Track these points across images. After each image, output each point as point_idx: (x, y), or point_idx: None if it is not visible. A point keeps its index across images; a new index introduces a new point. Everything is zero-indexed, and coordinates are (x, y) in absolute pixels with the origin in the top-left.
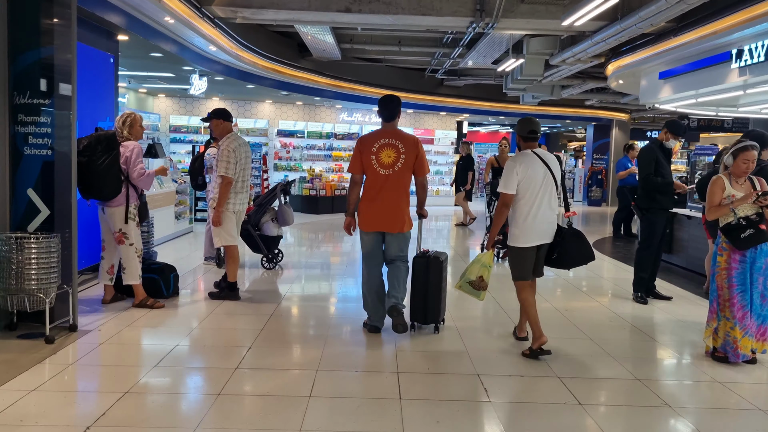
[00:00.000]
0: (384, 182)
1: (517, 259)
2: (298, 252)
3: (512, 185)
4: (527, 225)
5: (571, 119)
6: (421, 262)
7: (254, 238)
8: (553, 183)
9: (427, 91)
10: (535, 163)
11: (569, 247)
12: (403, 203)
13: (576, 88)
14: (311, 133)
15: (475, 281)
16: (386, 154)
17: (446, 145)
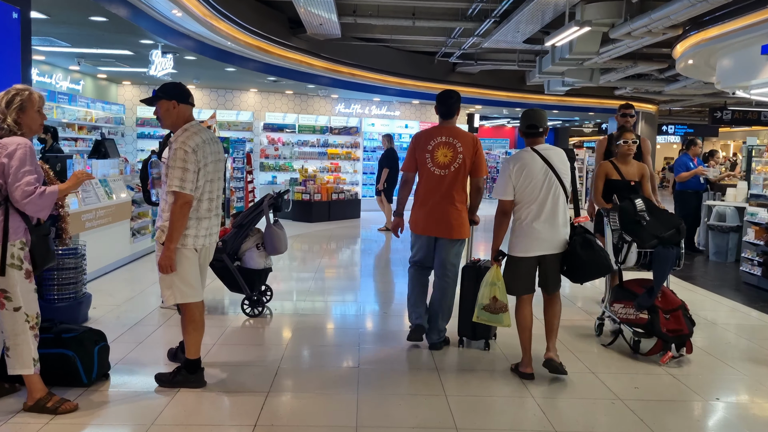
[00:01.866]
0: (439, 183)
1: (511, 269)
2: (293, 281)
3: (507, 190)
4: (526, 232)
5: (594, 111)
6: (471, 273)
7: (232, 273)
8: (558, 183)
9: (436, 78)
10: (532, 162)
11: (578, 258)
12: (459, 206)
13: (619, 72)
14: (303, 128)
15: (490, 305)
16: (442, 153)
17: None
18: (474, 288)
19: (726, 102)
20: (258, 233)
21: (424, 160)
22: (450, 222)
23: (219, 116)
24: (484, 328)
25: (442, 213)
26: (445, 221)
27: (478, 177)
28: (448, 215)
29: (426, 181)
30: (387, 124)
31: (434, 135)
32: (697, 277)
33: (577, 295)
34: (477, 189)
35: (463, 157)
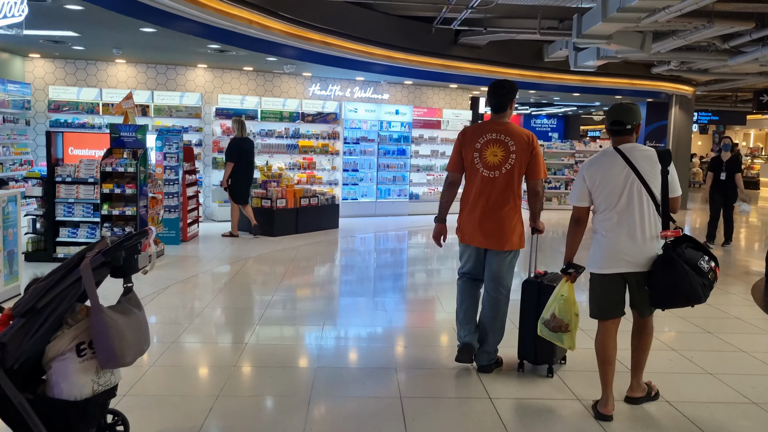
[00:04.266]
0: (488, 186)
1: (591, 287)
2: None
3: (581, 195)
4: (604, 245)
5: (623, 94)
6: (533, 288)
7: (18, 410)
8: (643, 189)
9: (434, 52)
10: (612, 163)
11: (656, 278)
12: (511, 213)
13: (678, 38)
14: (267, 114)
15: (550, 321)
16: (492, 152)
17: (457, 129)
18: (536, 304)
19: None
20: (79, 324)
21: (471, 160)
22: (501, 231)
23: (158, 99)
24: (548, 351)
25: (492, 221)
26: (496, 230)
27: (536, 180)
28: (499, 223)
29: (474, 184)
30: (373, 110)
31: (483, 131)
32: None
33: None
34: (535, 193)
35: (516, 156)
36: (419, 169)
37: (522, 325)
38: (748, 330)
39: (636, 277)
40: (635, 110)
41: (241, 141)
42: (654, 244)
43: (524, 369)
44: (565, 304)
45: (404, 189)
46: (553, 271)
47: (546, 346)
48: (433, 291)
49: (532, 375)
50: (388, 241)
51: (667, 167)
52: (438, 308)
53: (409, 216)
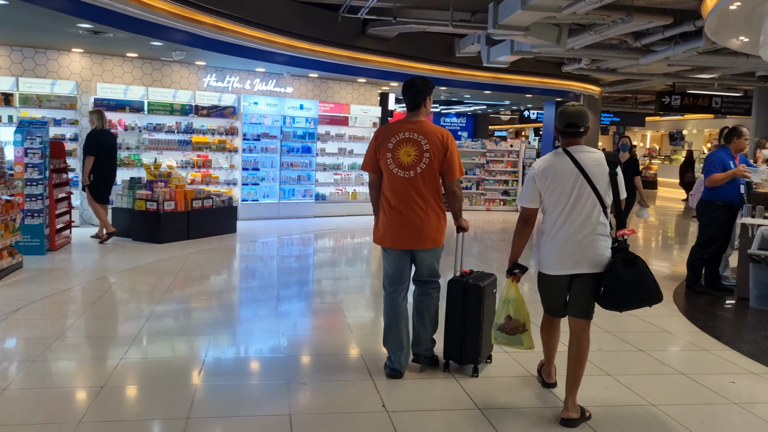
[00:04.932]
0: (404, 186)
1: (539, 287)
2: None
3: (531, 196)
4: (552, 246)
5: (534, 92)
6: (457, 287)
7: None
8: (591, 191)
9: (340, 43)
10: (562, 165)
11: (620, 281)
12: (430, 212)
13: (594, 33)
14: (156, 106)
15: (505, 324)
16: (405, 152)
17: (366, 126)
18: (461, 304)
19: (675, 85)
20: None
21: (385, 160)
22: (421, 231)
23: (25, 87)
24: (474, 350)
25: (410, 222)
26: (416, 231)
27: (451, 180)
28: (418, 224)
29: (390, 186)
30: (276, 104)
31: (396, 130)
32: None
33: None
34: (452, 193)
35: (430, 156)
36: (326, 168)
37: (447, 325)
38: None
39: (582, 278)
40: (587, 113)
41: (101, 133)
42: (600, 245)
43: (450, 369)
44: (516, 305)
45: (310, 189)
46: (478, 270)
47: (472, 346)
48: (341, 298)
49: (457, 374)
50: (293, 245)
51: (615, 170)
52: (344, 317)
53: (315, 218)
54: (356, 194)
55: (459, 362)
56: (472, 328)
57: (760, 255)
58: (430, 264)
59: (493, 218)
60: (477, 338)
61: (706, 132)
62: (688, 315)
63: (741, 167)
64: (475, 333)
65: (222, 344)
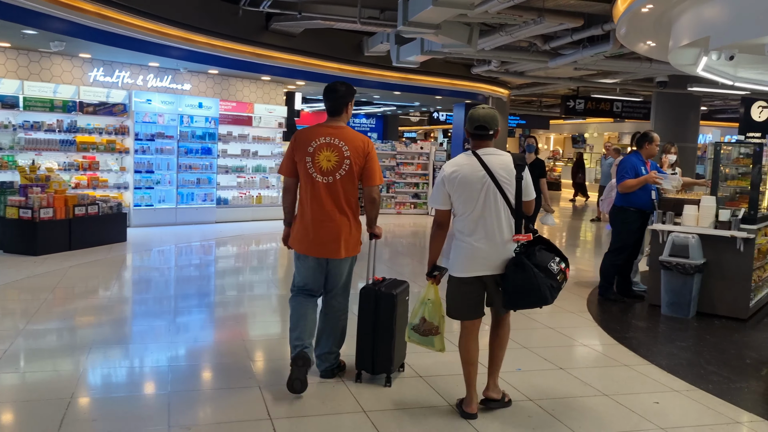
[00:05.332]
0: (323, 192)
1: (451, 291)
2: None
3: (441, 199)
4: (463, 249)
5: (443, 94)
6: (370, 296)
7: None
8: (498, 194)
9: (242, 38)
10: (471, 167)
11: (508, 281)
12: (347, 219)
13: (504, 34)
14: (33, 102)
15: (419, 325)
16: (325, 157)
17: (271, 127)
18: (374, 313)
19: (579, 90)
20: None
21: (304, 165)
22: (338, 238)
23: None
24: (386, 359)
25: (328, 228)
26: (333, 238)
27: (371, 186)
28: (335, 231)
29: (308, 191)
30: (172, 101)
31: (316, 134)
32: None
33: None
34: (371, 200)
35: (350, 162)
36: (228, 171)
37: (359, 334)
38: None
39: (493, 279)
40: (497, 116)
41: None
42: (509, 248)
43: (362, 379)
44: (433, 307)
45: (211, 193)
46: (390, 277)
47: (384, 355)
48: (245, 308)
49: (370, 385)
50: (191, 254)
51: (522, 172)
52: (251, 327)
53: (217, 224)
54: (261, 198)
55: (371, 372)
56: (384, 338)
57: (671, 262)
58: (343, 275)
59: (403, 222)
60: (390, 348)
61: (606, 135)
62: (604, 325)
63: (652, 174)
64: (388, 342)
65: (100, 365)
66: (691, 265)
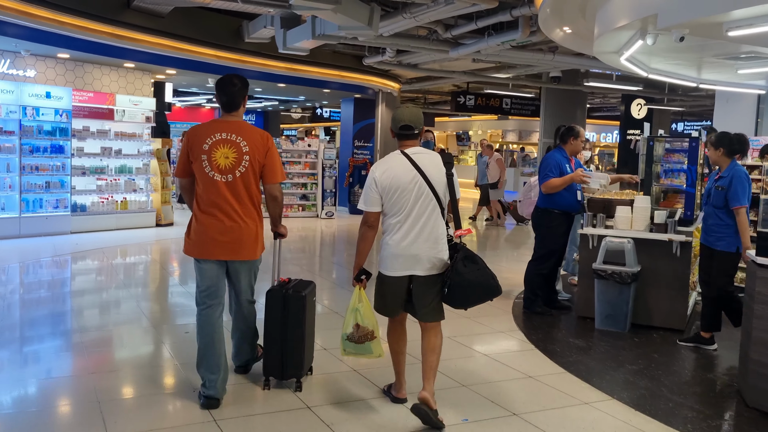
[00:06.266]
0: (222, 191)
1: (378, 287)
2: None
3: (372, 199)
4: (393, 248)
5: (332, 87)
6: (277, 298)
7: None
8: (430, 192)
9: (98, 15)
10: (401, 167)
11: (461, 276)
12: (249, 219)
13: (408, 17)
14: None
15: (353, 333)
16: (222, 154)
17: (137, 122)
18: (281, 315)
19: (468, 86)
20: None
21: (200, 164)
22: (241, 240)
23: None
24: (296, 364)
25: (230, 230)
26: (235, 239)
27: (273, 183)
28: (237, 232)
29: (206, 190)
30: (11, 90)
31: (211, 131)
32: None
33: None
34: (273, 198)
35: (250, 158)
36: (85, 172)
37: (267, 339)
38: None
39: (423, 279)
40: (421, 115)
41: None
42: (440, 246)
43: (270, 386)
44: (365, 311)
45: (64, 199)
46: (296, 278)
47: (295, 359)
48: (109, 332)
49: (279, 391)
50: (41, 273)
51: (451, 170)
52: (117, 350)
53: (73, 234)
54: (127, 203)
55: (280, 378)
56: (294, 341)
57: (606, 270)
58: (246, 278)
59: (292, 226)
60: (300, 351)
61: (489, 132)
62: (542, 347)
63: (579, 172)
64: (299, 345)
65: None
66: (627, 273)
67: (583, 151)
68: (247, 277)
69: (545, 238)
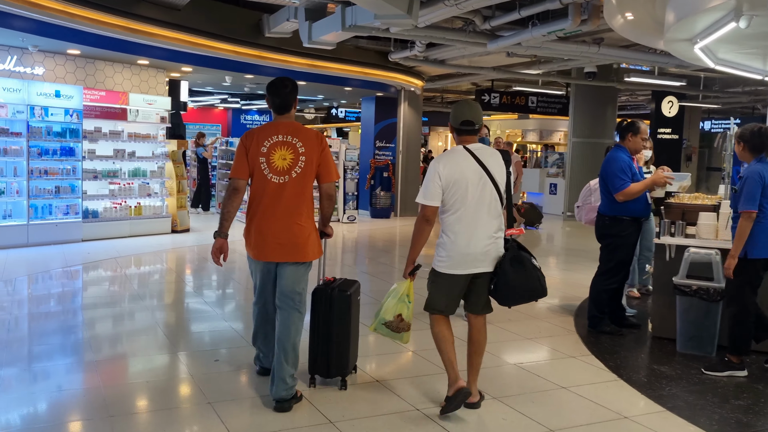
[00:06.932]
0: (279, 193)
1: (435, 286)
2: None
3: (434, 194)
4: (454, 245)
5: (352, 84)
6: (323, 297)
7: None
8: (494, 190)
9: (110, 7)
10: (466, 163)
11: (506, 277)
12: (302, 221)
13: (449, 5)
14: None
15: (393, 322)
16: (280, 156)
17: (152, 122)
18: (327, 315)
19: (493, 83)
20: None
21: (258, 166)
22: (296, 242)
23: None
24: (342, 363)
25: (286, 231)
26: (290, 242)
27: (328, 182)
28: (293, 234)
29: (262, 192)
30: (18, 89)
31: (269, 133)
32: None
33: None
34: (328, 197)
35: (306, 159)
36: (97, 176)
37: (313, 338)
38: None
39: (482, 277)
40: (481, 110)
41: None
42: (500, 245)
43: (316, 384)
44: (410, 305)
45: (75, 204)
46: (341, 277)
47: (340, 358)
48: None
49: (325, 390)
50: (51, 286)
51: (509, 169)
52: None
53: (84, 242)
54: (141, 209)
55: (326, 376)
56: (340, 340)
57: (690, 286)
58: (296, 281)
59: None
60: (346, 350)
61: (507, 132)
62: (626, 377)
63: (660, 173)
64: (344, 344)
65: None
66: (715, 289)
67: (645, 150)
68: (295, 279)
69: (616, 249)
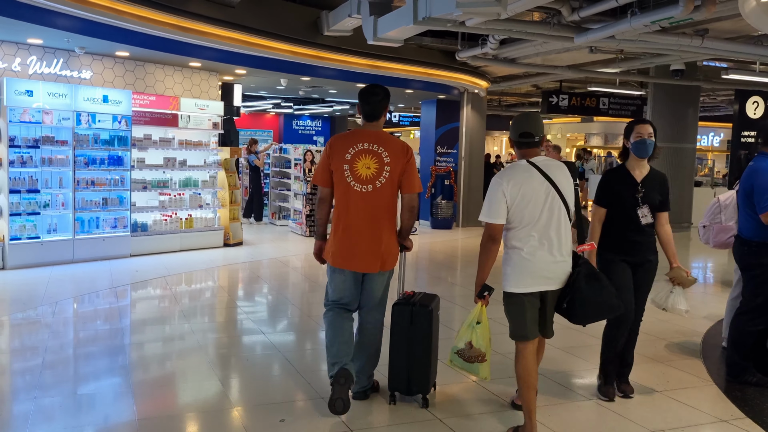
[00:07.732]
0: (362, 202)
1: (511, 308)
2: None
3: (499, 211)
4: (525, 264)
5: (414, 86)
6: (404, 312)
7: None
8: (562, 204)
9: (160, 4)
10: (531, 177)
11: (582, 294)
12: (385, 231)
13: None
14: None
15: (464, 350)
16: (364, 164)
17: (204, 129)
18: (408, 330)
19: (561, 84)
20: None
21: (341, 174)
22: (378, 251)
23: None
24: (423, 380)
25: (368, 241)
26: (373, 251)
27: (412, 193)
28: (375, 243)
29: (346, 201)
30: (64, 94)
31: (354, 141)
32: None
33: None
34: (410, 208)
35: (391, 169)
36: (146, 187)
37: (393, 354)
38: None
39: (553, 294)
40: (542, 122)
41: None
42: (569, 260)
43: (396, 401)
44: (481, 332)
45: (123, 217)
46: (420, 291)
47: (421, 374)
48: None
49: (405, 406)
50: (97, 315)
51: (576, 182)
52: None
53: (133, 258)
54: (192, 221)
55: (407, 393)
56: (422, 356)
57: None
58: (380, 290)
59: None
60: (427, 366)
61: (568, 135)
62: None
63: None
64: (425, 361)
65: None
66: None
67: None
68: (379, 290)
69: (766, 282)
